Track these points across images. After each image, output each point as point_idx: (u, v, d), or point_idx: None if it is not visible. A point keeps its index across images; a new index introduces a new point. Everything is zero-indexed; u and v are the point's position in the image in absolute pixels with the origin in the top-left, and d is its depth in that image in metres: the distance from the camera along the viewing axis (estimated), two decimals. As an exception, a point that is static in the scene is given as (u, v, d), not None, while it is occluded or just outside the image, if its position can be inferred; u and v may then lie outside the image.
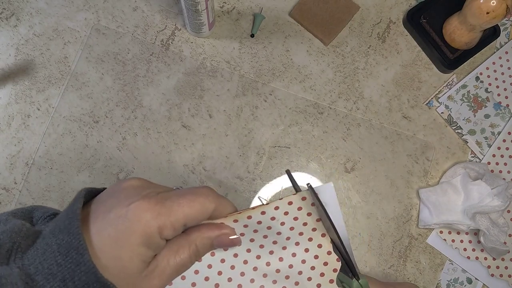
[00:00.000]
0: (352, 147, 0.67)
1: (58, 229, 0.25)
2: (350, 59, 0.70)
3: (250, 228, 0.31)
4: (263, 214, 0.31)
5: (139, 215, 0.26)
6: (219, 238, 0.30)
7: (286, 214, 0.31)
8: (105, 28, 0.67)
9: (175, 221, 0.27)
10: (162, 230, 0.26)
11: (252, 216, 0.31)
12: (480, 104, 0.71)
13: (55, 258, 0.24)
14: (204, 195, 0.28)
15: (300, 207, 0.31)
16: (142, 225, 0.26)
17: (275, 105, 0.68)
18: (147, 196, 0.27)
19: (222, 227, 0.30)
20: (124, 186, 0.28)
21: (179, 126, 0.66)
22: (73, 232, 0.25)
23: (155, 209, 0.26)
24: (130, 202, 0.26)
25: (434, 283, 0.66)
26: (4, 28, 0.66)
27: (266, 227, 0.31)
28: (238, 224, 0.30)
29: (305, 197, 0.31)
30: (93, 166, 0.64)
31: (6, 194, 0.62)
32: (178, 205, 0.27)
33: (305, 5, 0.69)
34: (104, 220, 0.26)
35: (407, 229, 0.66)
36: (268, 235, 0.31)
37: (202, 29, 0.65)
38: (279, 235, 0.32)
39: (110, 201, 0.27)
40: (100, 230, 0.26)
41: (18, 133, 0.64)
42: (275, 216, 0.31)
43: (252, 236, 0.31)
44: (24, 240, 0.25)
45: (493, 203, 0.61)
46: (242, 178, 0.65)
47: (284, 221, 0.31)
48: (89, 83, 0.66)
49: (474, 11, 0.62)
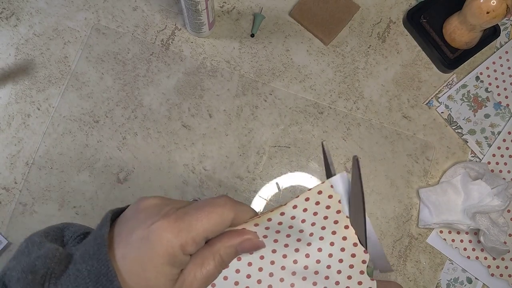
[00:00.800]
0: (352, 146, 0.68)
1: (87, 255, 0.26)
2: (350, 59, 0.70)
3: (272, 230, 0.31)
4: (282, 215, 0.31)
5: (160, 235, 0.26)
6: (242, 244, 0.30)
7: (305, 211, 0.31)
8: (105, 28, 0.67)
9: (196, 236, 0.27)
10: (185, 247, 0.27)
11: (272, 218, 0.31)
12: (480, 104, 0.71)
13: (86, 284, 0.25)
14: (222, 205, 0.28)
15: (317, 202, 0.31)
16: (164, 245, 0.26)
17: (275, 104, 0.68)
18: (166, 214, 0.27)
19: (244, 233, 0.30)
20: (144, 206, 0.28)
21: (179, 126, 0.66)
22: (101, 259, 0.25)
23: (174, 226, 0.26)
24: (151, 223, 0.26)
25: (434, 282, 0.66)
26: (4, 27, 0.66)
27: (287, 226, 0.31)
28: (260, 228, 0.31)
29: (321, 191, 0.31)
30: (93, 165, 0.64)
31: (6, 194, 0.62)
32: (197, 219, 0.27)
33: (305, 5, 0.69)
34: (127, 243, 0.27)
35: (407, 229, 0.66)
36: (291, 234, 0.31)
37: (202, 29, 0.65)
38: (302, 233, 0.31)
39: (131, 222, 0.28)
40: (124, 254, 0.26)
41: (18, 133, 0.64)
42: (295, 215, 0.31)
43: (275, 237, 0.31)
44: (58, 266, 0.26)
45: (493, 202, 0.61)
46: (242, 178, 0.65)
47: (304, 218, 0.31)
48: (89, 83, 0.66)
49: (474, 10, 0.62)
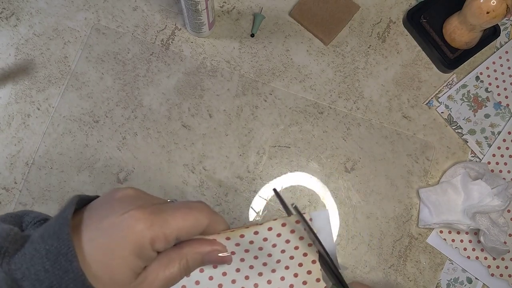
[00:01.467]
0: (352, 146, 0.67)
1: (47, 234, 0.25)
2: (350, 58, 0.70)
3: (242, 247, 0.31)
4: (256, 234, 0.31)
5: (132, 224, 0.25)
6: (209, 254, 0.29)
7: (279, 236, 0.31)
8: (105, 28, 0.67)
9: (168, 233, 0.26)
10: (155, 242, 0.26)
11: (244, 235, 0.30)
12: (480, 104, 0.71)
13: (43, 264, 0.24)
14: (199, 210, 0.28)
15: (293, 230, 0.31)
16: (135, 235, 0.25)
17: (275, 104, 0.68)
18: (141, 206, 0.27)
19: (214, 244, 0.30)
20: (119, 195, 0.28)
21: (179, 126, 0.66)
22: (62, 238, 0.24)
23: (149, 219, 0.26)
24: (124, 211, 0.26)
25: (434, 282, 0.66)
26: (4, 27, 0.66)
27: (257, 247, 0.31)
28: (230, 242, 0.30)
29: (299, 221, 0.31)
30: (93, 165, 0.64)
31: (6, 194, 0.62)
32: (172, 217, 0.27)
33: (305, 5, 0.69)
34: (97, 228, 0.26)
35: (407, 229, 0.66)
36: (258, 256, 0.31)
37: (202, 29, 0.65)
38: (270, 257, 0.31)
39: (104, 209, 0.27)
40: (92, 238, 0.26)
41: (18, 133, 0.64)
42: (268, 237, 0.31)
43: (242, 255, 0.31)
44: (12, 244, 0.25)
45: (493, 202, 0.61)
46: (242, 178, 0.65)
47: (276, 243, 0.31)
48: (89, 83, 0.66)
49: (474, 10, 0.62)
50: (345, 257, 0.64)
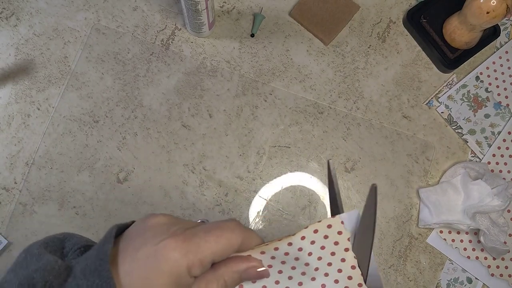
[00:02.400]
0: (352, 146, 0.67)
1: (88, 270, 0.26)
2: (350, 58, 0.70)
3: (278, 260, 0.31)
4: (289, 245, 0.30)
5: (167, 254, 0.26)
6: (247, 271, 0.29)
7: (313, 244, 0.31)
8: (105, 28, 0.67)
9: (203, 258, 0.27)
10: (191, 269, 0.26)
11: (279, 248, 0.30)
12: (480, 104, 0.71)
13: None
14: (231, 230, 0.28)
15: (326, 236, 0.30)
16: (171, 265, 0.26)
17: (275, 104, 0.68)
18: (174, 234, 0.27)
19: (249, 260, 0.30)
20: (151, 224, 0.28)
21: (179, 126, 0.66)
22: (103, 276, 0.25)
23: (183, 247, 0.26)
24: (158, 241, 0.26)
25: (434, 282, 0.66)
26: (4, 27, 0.66)
27: (293, 258, 0.31)
28: (266, 256, 0.30)
29: (330, 225, 0.30)
30: (93, 165, 0.64)
31: (6, 194, 0.62)
32: (205, 242, 0.27)
33: (305, 5, 0.69)
34: (132, 260, 0.26)
35: (407, 229, 0.66)
36: (296, 266, 0.31)
37: (202, 29, 0.65)
38: (307, 266, 0.31)
39: (138, 239, 0.27)
40: (129, 271, 0.26)
41: (18, 133, 0.64)
42: (302, 247, 0.30)
43: (280, 267, 0.31)
44: (56, 279, 0.26)
45: (493, 202, 0.61)
46: (242, 178, 0.65)
47: (311, 251, 0.31)
48: (89, 83, 0.66)
49: (474, 10, 0.62)
50: (345, 257, 0.64)
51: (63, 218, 0.62)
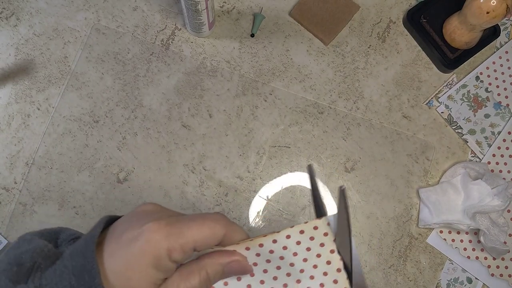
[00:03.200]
0: (352, 146, 0.67)
1: (75, 252, 0.27)
2: (350, 58, 0.70)
3: (263, 258, 0.31)
4: (274, 242, 0.30)
5: (148, 236, 0.26)
6: (230, 265, 0.30)
7: (298, 244, 0.31)
8: (105, 28, 0.67)
9: (184, 244, 0.27)
10: (171, 252, 0.27)
11: (263, 244, 0.30)
12: (480, 104, 0.71)
13: (69, 280, 0.26)
14: (214, 220, 0.29)
15: (312, 237, 0.30)
16: (152, 246, 0.26)
17: (275, 104, 0.68)
18: (158, 218, 0.27)
19: (233, 254, 0.30)
20: (138, 210, 0.29)
21: (179, 126, 0.66)
22: (87, 256, 0.26)
23: (164, 230, 0.27)
24: (142, 224, 0.27)
25: (434, 282, 0.66)
26: (4, 27, 0.66)
27: (278, 257, 0.31)
28: (251, 253, 0.30)
29: (317, 227, 0.30)
30: (93, 165, 0.64)
31: (6, 194, 0.62)
32: (188, 227, 0.27)
33: (305, 5, 0.69)
34: (116, 242, 0.27)
35: (407, 229, 0.66)
36: (281, 266, 0.31)
37: (202, 29, 0.65)
38: (292, 267, 0.31)
39: (124, 225, 0.28)
40: (113, 252, 0.27)
41: (18, 133, 0.64)
42: (287, 246, 0.30)
43: (265, 266, 0.31)
44: (45, 260, 0.27)
45: (493, 202, 0.61)
46: (242, 178, 0.65)
47: (296, 251, 0.31)
48: (89, 83, 0.66)
49: (474, 10, 0.62)
50: (345, 257, 0.64)
51: (63, 218, 0.62)
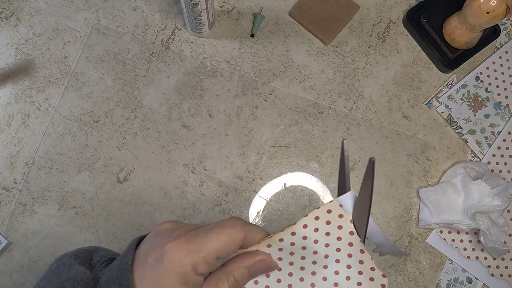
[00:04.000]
0: (352, 146, 0.67)
1: (111, 279, 0.28)
2: (350, 58, 0.70)
3: (286, 252, 0.31)
4: (293, 235, 0.31)
5: (171, 255, 0.27)
6: (255, 265, 0.30)
7: (317, 231, 0.31)
8: (105, 28, 0.67)
9: (207, 256, 0.28)
10: (196, 267, 0.27)
11: (283, 239, 0.31)
12: (480, 104, 0.71)
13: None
14: (231, 226, 0.29)
15: (328, 221, 0.31)
16: (176, 265, 0.27)
17: (275, 104, 0.68)
18: (177, 236, 0.28)
19: (256, 254, 0.30)
20: (158, 230, 0.30)
21: (179, 126, 0.66)
22: (123, 284, 0.27)
23: (185, 247, 0.27)
24: (163, 245, 0.28)
25: (434, 282, 0.66)
26: (4, 27, 0.66)
27: (300, 247, 0.31)
28: (273, 249, 0.31)
29: (330, 210, 0.31)
30: (93, 165, 0.64)
31: (6, 194, 0.62)
32: (206, 240, 0.28)
33: (305, 5, 0.69)
34: (143, 265, 0.28)
35: (407, 229, 0.66)
36: (305, 256, 0.31)
37: (202, 29, 0.65)
38: (316, 254, 0.31)
39: (147, 246, 0.29)
40: (141, 276, 0.28)
41: (18, 133, 0.64)
42: (307, 235, 0.31)
43: (290, 259, 0.31)
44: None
45: (493, 202, 0.61)
46: (242, 178, 0.65)
47: (316, 238, 0.31)
48: (89, 83, 0.66)
49: (474, 10, 0.62)
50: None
51: (63, 218, 0.62)
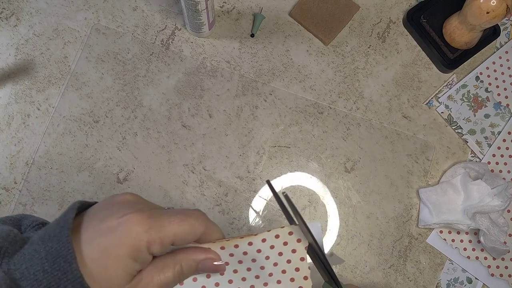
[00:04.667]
0: (352, 146, 0.68)
1: (47, 236, 0.26)
2: (350, 59, 0.70)
3: (235, 258, 0.31)
4: (250, 245, 0.31)
5: (130, 227, 0.26)
6: (204, 262, 0.30)
7: (272, 248, 0.31)
8: (105, 28, 0.67)
9: (164, 237, 0.27)
10: (151, 245, 0.27)
11: (239, 246, 0.31)
12: (480, 104, 0.71)
13: (42, 264, 0.25)
14: (195, 217, 0.29)
15: (286, 242, 0.31)
16: (132, 237, 0.26)
17: (275, 104, 0.68)
18: (140, 210, 0.27)
19: (208, 252, 0.30)
20: (118, 200, 0.29)
21: (179, 126, 0.66)
22: (62, 241, 0.25)
23: (146, 222, 0.27)
24: (123, 214, 0.27)
25: (434, 282, 0.66)
26: (4, 28, 0.66)
27: (251, 259, 0.31)
28: (225, 252, 0.31)
29: (291, 232, 0.31)
30: (93, 166, 0.64)
31: (6, 194, 0.62)
32: (169, 222, 0.27)
33: (305, 5, 0.69)
34: (95, 230, 0.27)
35: (407, 229, 0.66)
36: (251, 268, 0.32)
37: (202, 29, 0.65)
38: (262, 270, 0.32)
39: (102, 213, 0.28)
40: (91, 239, 0.26)
41: (18, 133, 0.64)
42: (261, 249, 0.31)
43: (236, 267, 0.32)
44: (11, 245, 0.26)
45: (493, 202, 0.61)
46: (242, 178, 0.65)
47: (269, 255, 0.31)
48: (89, 83, 0.66)
49: (474, 10, 0.62)
50: (345, 257, 0.64)
51: (63, 218, 0.62)
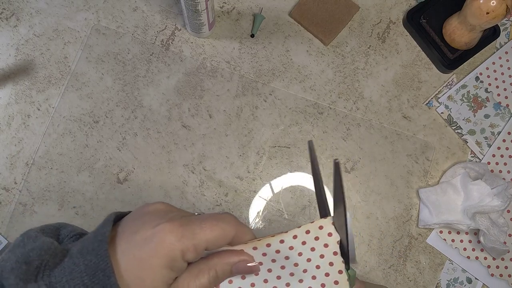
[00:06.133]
0: (352, 147, 0.68)
1: (86, 250, 0.27)
2: (350, 59, 0.70)
3: (268, 257, 0.31)
4: (281, 242, 0.31)
5: (163, 236, 0.27)
6: (238, 265, 0.30)
7: (304, 244, 0.31)
8: (105, 28, 0.67)
9: (198, 244, 0.27)
10: (185, 253, 0.27)
11: (271, 244, 0.31)
12: (480, 104, 0.71)
13: (81, 278, 0.25)
14: (226, 221, 0.29)
15: (317, 237, 0.31)
16: (166, 247, 0.26)
17: (275, 105, 0.68)
18: (171, 219, 0.28)
19: (241, 254, 0.30)
20: (149, 209, 0.29)
21: (179, 126, 0.66)
22: (101, 254, 0.26)
23: (179, 231, 0.27)
24: (156, 224, 0.27)
25: (434, 282, 0.66)
26: (4, 28, 0.66)
27: (284, 257, 0.31)
28: (257, 252, 0.31)
29: (322, 226, 0.31)
30: (93, 166, 0.64)
31: (6, 194, 0.62)
32: (200, 229, 0.28)
33: (305, 5, 0.69)
34: (129, 241, 0.27)
35: (407, 229, 0.66)
36: (285, 265, 0.32)
37: (202, 29, 0.65)
38: (296, 267, 0.32)
39: (136, 223, 0.28)
40: (126, 251, 0.27)
41: (18, 133, 0.64)
42: (293, 246, 0.31)
43: (270, 266, 0.32)
44: (52, 258, 0.26)
45: (493, 203, 0.61)
46: (242, 178, 0.65)
47: (301, 251, 0.31)
48: (89, 83, 0.66)
49: (474, 11, 0.62)
50: (345, 257, 0.64)
51: (63, 218, 0.62)
